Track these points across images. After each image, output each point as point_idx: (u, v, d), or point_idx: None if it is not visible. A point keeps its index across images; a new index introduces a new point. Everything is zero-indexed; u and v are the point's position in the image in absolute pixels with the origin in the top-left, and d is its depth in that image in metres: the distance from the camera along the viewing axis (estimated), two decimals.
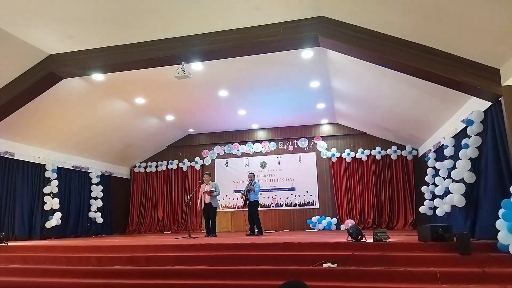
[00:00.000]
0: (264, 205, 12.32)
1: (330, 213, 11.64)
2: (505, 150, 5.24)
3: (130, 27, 6.09)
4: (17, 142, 9.00)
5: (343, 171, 11.84)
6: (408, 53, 5.48)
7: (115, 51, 6.64)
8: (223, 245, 5.81)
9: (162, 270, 5.06)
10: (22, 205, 9.13)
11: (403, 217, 11.05)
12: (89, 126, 9.98)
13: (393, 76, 6.66)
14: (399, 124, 9.99)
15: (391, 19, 5.26)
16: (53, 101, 8.19)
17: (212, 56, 6.63)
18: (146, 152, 13.39)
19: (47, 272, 5.44)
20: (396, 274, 4.37)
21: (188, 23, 6.02)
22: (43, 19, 5.76)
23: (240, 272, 4.81)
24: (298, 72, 8.13)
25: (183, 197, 12.85)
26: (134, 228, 12.98)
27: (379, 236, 5.40)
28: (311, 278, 4.39)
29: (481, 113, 5.91)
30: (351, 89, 8.95)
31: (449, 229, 5.11)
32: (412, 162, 11.37)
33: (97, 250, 6.19)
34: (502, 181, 5.34)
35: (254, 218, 8.86)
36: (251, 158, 12.81)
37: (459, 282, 4.05)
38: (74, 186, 10.90)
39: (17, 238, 8.67)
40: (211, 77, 8.28)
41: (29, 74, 7.01)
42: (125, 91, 9.00)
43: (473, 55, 5.20)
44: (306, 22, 5.84)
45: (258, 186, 9.06)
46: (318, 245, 5.49)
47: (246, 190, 8.89)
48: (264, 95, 9.56)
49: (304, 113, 11.14)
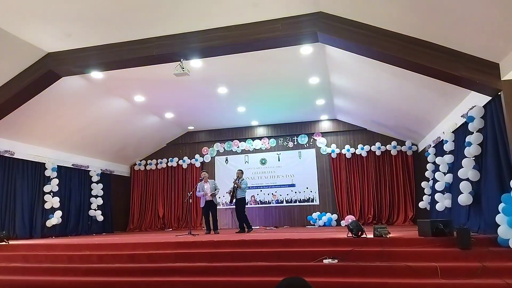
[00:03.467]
0: (265, 201, 12.35)
1: (330, 209, 11.66)
2: (505, 144, 5.23)
3: (128, 24, 6.07)
4: (16, 141, 8.99)
5: (343, 167, 11.85)
6: (408, 48, 5.47)
7: (114, 49, 6.62)
8: (223, 242, 5.83)
9: (163, 268, 5.07)
10: (22, 204, 9.13)
11: (403, 213, 11.06)
12: (88, 124, 9.97)
13: (392, 71, 6.64)
14: (398, 119, 9.99)
15: (391, 14, 5.25)
16: (52, 99, 8.17)
17: (210, 53, 6.61)
18: (146, 150, 13.39)
19: (49, 271, 5.45)
20: (397, 269, 4.38)
21: (187, 20, 6.00)
22: (41, 17, 5.74)
23: (241, 269, 4.82)
24: (297, 68, 8.11)
25: (183, 194, 12.85)
26: (135, 225, 13.00)
27: (379, 231, 5.42)
28: (312, 274, 4.41)
29: (481, 108, 5.89)
30: (350, 85, 8.93)
31: (449, 224, 5.13)
32: (412, 158, 11.37)
33: (98, 248, 6.21)
34: (502, 175, 5.34)
35: (241, 215, 8.84)
36: (251, 155, 12.81)
37: (460, 276, 4.06)
38: (74, 185, 10.90)
39: (18, 237, 8.68)
40: (210, 74, 8.26)
41: (28, 73, 6.99)
42: (124, 89, 8.99)
43: (472, 49, 5.18)
44: (305, 18, 5.82)
45: (245, 184, 9.04)
46: (319, 241, 5.50)
47: (233, 187, 8.90)
48: (263, 92, 9.55)
49: (304, 109, 11.13)
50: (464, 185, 6.31)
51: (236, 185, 8.84)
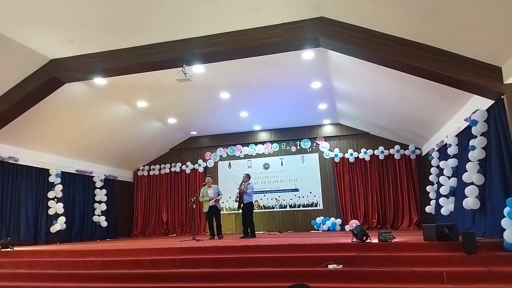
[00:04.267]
0: (268, 206, 12.33)
1: (334, 214, 11.61)
2: (509, 148, 5.21)
3: (130, 30, 6.11)
4: (20, 147, 9.03)
5: (346, 171, 11.82)
6: (410, 52, 5.47)
7: (116, 55, 6.66)
8: (227, 247, 5.82)
9: (168, 273, 5.06)
10: (26, 210, 9.15)
11: (407, 217, 11.01)
12: (91, 130, 10.01)
13: (394, 76, 6.64)
14: (401, 123, 9.97)
15: (392, 19, 5.26)
16: (56, 106, 8.22)
17: (213, 58, 6.64)
18: (149, 155, 13.42)
19: (53, 277, 5.46)
20: (402, 275, 4.35)
21: (189, 26, 6.03)
22: (44, 24, 5.78)
23: (245, 274, 4.80)
24: (299, 73, 8.13)
25: (186, 199, 12.84)
26: (139, 231, 12.99)
27: (384, 236, 5.38)
28: (316, 280, 4.38)
29: (484, 112, 5.87)
30: (352, 89, 8.93)
31: (455, 228, 5.09)
32: (415, 162, 11.34)
33: (103, 254, 6.21)
34: (507, 178, 5.31)
35: (248, 221, 8.71)
36: (254, 160, 12.81)
37: (466, 281, 4.03)
38: (78, 190, 10.93)
39: (22, 243, 8.69)
40: (213, 80, 8.29)
41: (31, 80, 7.04)
42: (127, 94, 9.03)
43: (474, 53, 5.18)
44: (306, 23, 5.84)
45: (252, 188, 8.92)
46: (323, 246, 5.48)
47: (240, 192, 8.81)
48: (265, 97, 9.56)
49: (306, 113, 11.13)
50: (470, 189, 6.25)
51: (242, 191, 8.75)
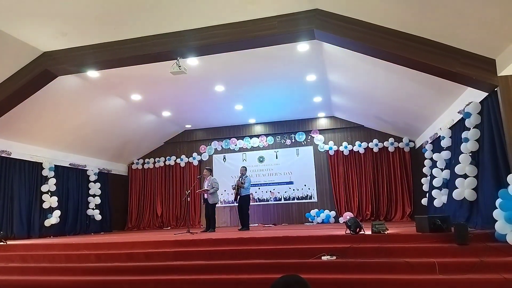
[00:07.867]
0: (263, 199, 12.36)
1: (328, 206, 11.68)
2: (501, 140, 5.26)
3: (124, 23, 6.03)
4: (13, 141, 8.95)
5: (340, 164, 11.87)
6: (404, 44, 5.46)
7: (110, 48, 6.58)
8: (222, 239, 5.82)
9: (162, 266, 5.06)
10: (20, 204, 9.10)
11: (401, 209, 11.10)
12: (85, 123, 9.94)
13: (389, 68, 6.65)
14: (396, 116, 10.00)
15: (387, 11, 5.24)
16: (49, 99, 8.14)
17: (207, 51, 6.59)
18: (144, 149, 13.37)
19: (47, 270, 5.44)
20: (395, 266, 4.38)
21: (183, 18, 5.97)
22: (37, 16, 5.70)
23: (240, 266, 4.82)
24: (294, 66, 8.10)
25: (181, 193, 12.84)
26: (133, 224, 12.99)
27: (377, 228, 5.42)
28: (310, 271, 4.42)
29: (478, 104, 5.90)
30: (347, 82, 8.93)
31: (447, 220, 5.13)
32: (409, 154, 11.40)
33: (96, 247, 6.20)
34: (499, 170, 5.36)
35: (243, 213, 8.79)
36: (248, 153, 12.81)
37: (458, 272, 4.07)
38: (71, 184, 10.87)
39: (16, 237, 8.65)
40: (207, 72, 8.24)
41: (24, 72, 6.95)
42: (120, 87, 8.95)
43: (468, 45, 5.19)
44: (301, 15, 5.80)
45: (249, 181, 8.96)
46: (317, 238, 5.51)
47: (237, 185, 8.85)
48: (260, 89, 9.53)
49: (301, 106, 11.12)
50: (463, 181, 6.31)
51: (238, 184, 8.77)
